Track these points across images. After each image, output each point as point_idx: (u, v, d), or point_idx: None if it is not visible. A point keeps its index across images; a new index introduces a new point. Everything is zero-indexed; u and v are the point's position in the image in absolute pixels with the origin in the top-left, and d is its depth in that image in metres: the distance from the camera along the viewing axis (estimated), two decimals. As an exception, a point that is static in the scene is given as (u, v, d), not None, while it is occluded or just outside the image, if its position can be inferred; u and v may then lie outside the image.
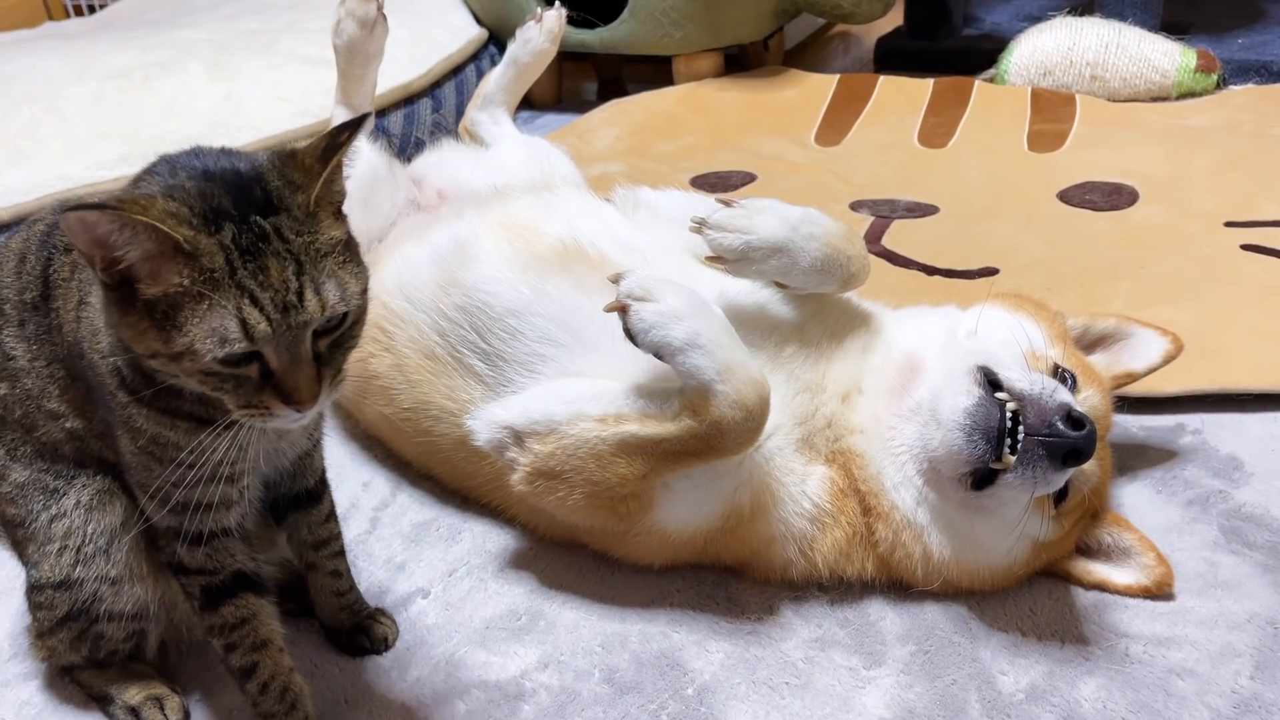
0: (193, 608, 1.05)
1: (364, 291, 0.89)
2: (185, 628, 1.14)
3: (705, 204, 1.30)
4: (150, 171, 0.87)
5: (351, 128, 0.88)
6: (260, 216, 0.83)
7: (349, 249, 0.89)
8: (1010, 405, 1.14)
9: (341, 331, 0.88)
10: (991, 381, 1.18)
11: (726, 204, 1.24)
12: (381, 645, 1.22)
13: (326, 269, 0.85)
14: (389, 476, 1.51)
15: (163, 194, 0.81)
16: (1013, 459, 1.12)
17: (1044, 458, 1.12)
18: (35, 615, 1.11)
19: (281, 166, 0.86)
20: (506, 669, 1.18)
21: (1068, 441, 1.11)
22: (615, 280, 1.15)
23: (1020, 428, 1.13)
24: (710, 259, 1.25)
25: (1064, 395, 1.15)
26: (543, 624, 1.24)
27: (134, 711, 1.12)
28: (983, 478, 1.15)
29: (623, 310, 1.13)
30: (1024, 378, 1.17)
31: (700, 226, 1.23)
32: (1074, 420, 1.11)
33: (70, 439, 1.04)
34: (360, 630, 1.21)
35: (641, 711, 1.12)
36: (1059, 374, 1.21)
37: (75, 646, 1.11)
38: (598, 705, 1.13)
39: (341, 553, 1.19)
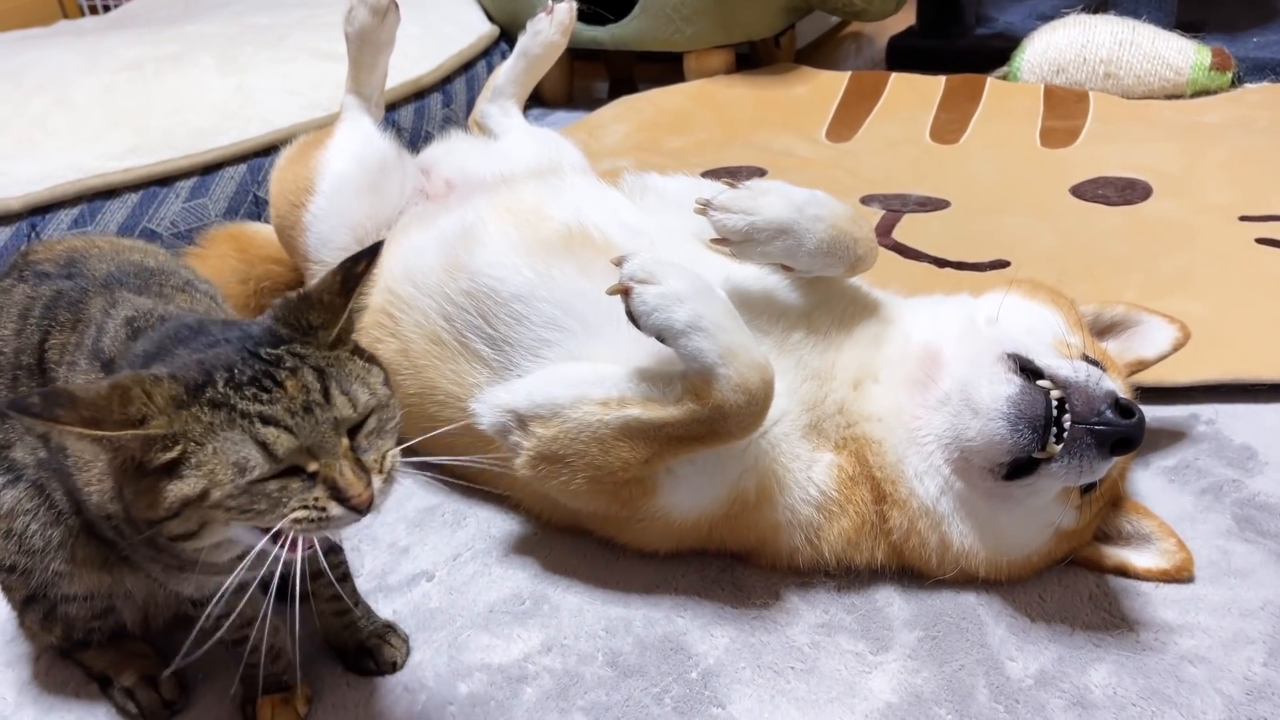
0: (182, 602, 1.04)
1: (386, 381, 0.88)
2: (163, 602, 1.13)
3: (712, 188, 1.29)
4: (159, 349, 0.86)
5: (368, 255, 0.88)
6: (268, 348, 0.83)
7: (364, 356, 0.88)
8: (1054, 393, 1.12)
9: (372, 420, 0.86)
10: (1025, 369, 1.16)
11: (732, 186, 1.23)
12: (389, 668, 1.15)
13: (350, 373, 0.85)
14: (394, 463, 1.50)
15: (169, 378, 0.80)
16: (1058, 448, 1.10)
17: (1092, 446, 1.09)
18: (6, 598, 1.11)
19: (294, 312, 0.86)
20: (509, 652, 1.17)
21: (1119, 430, 1.08)
22: (618, 263, 1.15)
23: (1065, 416, 1.11)
24: (715, 241, 1.24)
25: (1109, 383, 1.13)
26: (546, 608, 1.23)
27: (129, 693, 1.11)
28: (1020, 467, 1.13)
29: (625, 293, 1.12)
30: (1065, 365, 1.15)
31: (705, 207, 1.22)
32: (1123, 408, 1.09)
33: (38, 466, 1.02)
34: (366, 652, 1.15)
35: (645, 694, 1.11)
36: (1089, 362, 1.19)
37: (47, 627, 1.10)
38: (601, 688, 1.12)
39: (345, 577, 1.13)
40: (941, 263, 1.89)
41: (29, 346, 0.99)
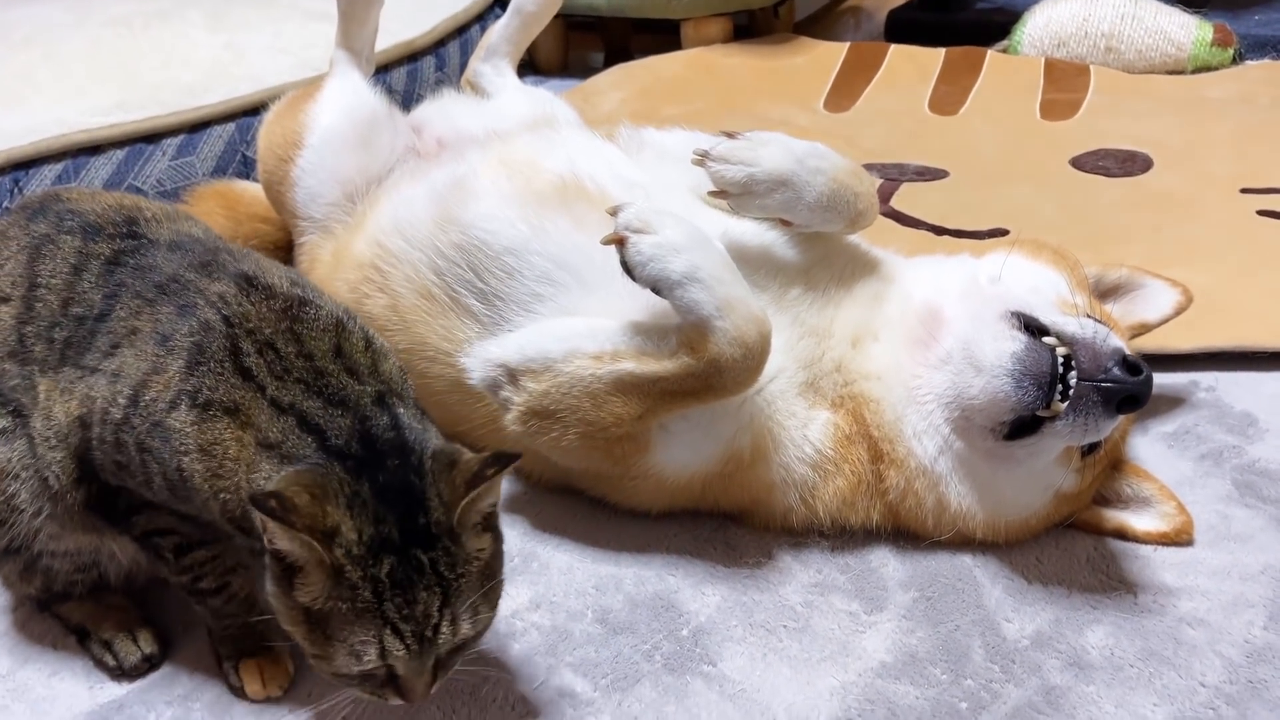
0: (164, 561, 1.03)
1: (494, 607, 0.93)
2: (148, 562, 1.10)
3: (710, 140, 1.27)
4: (328, 460, 0.87)
5: (501, 463, 0.89)
6: (421, 550, 0.85)
7: (490, 565, 0.91)
8: (1060, 350, 1.10)
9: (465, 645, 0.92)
10: (1029, 327, 1.14)
11: (731, 136, 1.21)
12: None
13: (467, 600, 0.88)
14: (382, 422, 1.48)
15: (348, 505, 0.84)
16: (1063, 406, 1.08)
17: (1098, 404, 1.07)
18: None
19: (438, 481, 0.88)
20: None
21: (1126, 387, 1.06)
22: (613, 212, 1.12)
23: (1070, 374, 1.08)
24: (713, 194, 1.22)
25: (1116, 340, 1.11)
26: (535, 566, 1.21)
27: (108, 645, 1.09)
28: (1022, 426, 1.11)
29: (620, 243, 1.10)
30: (1071, 322, 1.13)
31: (703, 158, 1.20)
32: (1130, 365, 1.07)
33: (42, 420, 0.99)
34: None
35: (635, 651, 1.09)
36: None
37: (26, 579, 1.08)
38: (590, 645, 1.10)
39: None
40: (940, 230, 1.87)
41: (84, 300, 0.98)
